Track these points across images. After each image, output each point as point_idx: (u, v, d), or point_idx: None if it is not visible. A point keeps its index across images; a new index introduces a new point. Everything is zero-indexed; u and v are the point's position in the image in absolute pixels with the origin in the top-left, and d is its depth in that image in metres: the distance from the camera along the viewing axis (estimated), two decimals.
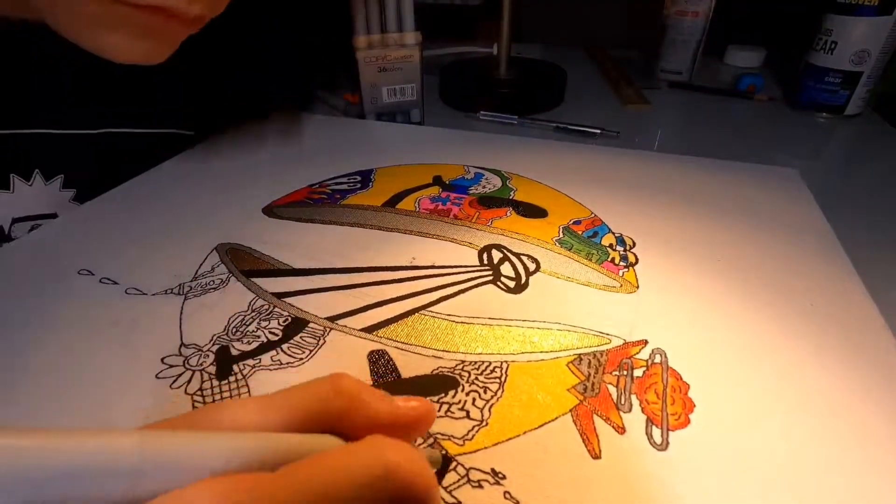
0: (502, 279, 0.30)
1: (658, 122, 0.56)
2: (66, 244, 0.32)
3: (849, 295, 0.29)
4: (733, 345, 0.25)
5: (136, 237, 0.33)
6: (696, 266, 0.31)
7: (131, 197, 0.38)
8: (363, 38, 0.48)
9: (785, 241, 0.33)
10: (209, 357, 0.24)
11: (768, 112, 0.58)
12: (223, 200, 0.37)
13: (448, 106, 0.59)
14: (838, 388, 0.23)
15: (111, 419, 0.21)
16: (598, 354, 0.25)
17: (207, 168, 0.42)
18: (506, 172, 0.42)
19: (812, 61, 0.55)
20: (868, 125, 0.55)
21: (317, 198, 0.38)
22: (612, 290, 0.29)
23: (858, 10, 0.50)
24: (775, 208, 0.37)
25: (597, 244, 0.33)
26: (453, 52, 0.74)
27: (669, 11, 0.62)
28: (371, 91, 0.51)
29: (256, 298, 0.28)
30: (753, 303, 0.28)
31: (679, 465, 0.20)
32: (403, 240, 0.33)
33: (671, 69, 0.65)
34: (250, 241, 0.33)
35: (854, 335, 0.26)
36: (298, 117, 0.52)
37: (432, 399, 0.22)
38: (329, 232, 0.34)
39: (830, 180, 0.43)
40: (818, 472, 0.20)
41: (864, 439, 0.21)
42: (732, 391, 0.23)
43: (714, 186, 0.40)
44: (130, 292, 0.28)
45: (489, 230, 0.34)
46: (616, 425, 0.21)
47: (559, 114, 0.57)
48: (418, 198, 0.38)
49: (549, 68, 0.62)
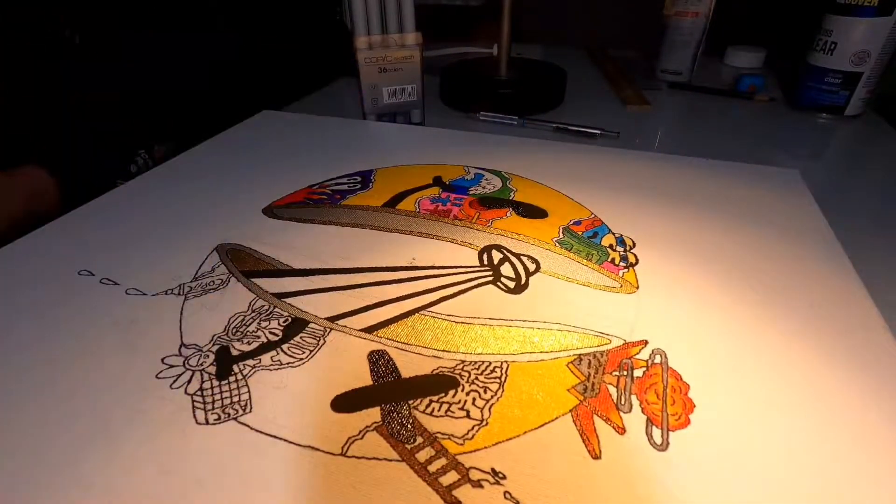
0: (502, 279, 0.30)
1: (658, 123, 0.56)
2: (66, 244, 0.32)
3: (848, 295, 0.29)
4: (733, 345, 0.25)
5: (137, 238, 0.33)
6: (696, 266, 0.31)
7: (131, 197, 0.38)
8: (364, 39, 0.48)
9: (785, 241, 0.33)
10: (209, 357, 0.24)
11: (768, 112, 0.58)
12: (223, 201, 0.37)
13: (448, 107, 0.59)
14: (838, 389, 0.23)
15: (111, 419, 0.21)
16: (598, 355, 0.25)
17: (207, 169, 0.42)
18: (506, 173, 0.42)
19: (812, 62, 0.55)
20: (868, 126, 0.55)
21: (317, 198, 0.38)
22: (612, 290, 0.29)
23: (858, 10, 0.50)
24: (775, 209, 0.37)
25: (597, 245, 0.33)
26: (454, 52, 0.74)
27: (669, 12, 0.62)
28: (371, 92, 0.51)
29: (256, 299, 0.28)
30: (753, 303, 0.28)
31: (679, 466, 0.20)
32: (403, 240, 0.33)
33: (671, 69, 0.65)
34: (250, 241, 0.33)
35: (854, 335, 0.26)
36: (313, 118, 0.51)
37: (432, 399, 0.22)
38: (329, 232, 0.34)
39: (830, 180, 0.43)
40: (818, 473, 0.20)
41: (864, 439, 0.21)
42: (733, 392, 0.23)
43: (714, 187, 0.40)
44: (130, 293, 0.28)
45: (489, 231, 0.34)
46: (616, 425, 0.21)
47: (559, 114, 0.57)
48: (418, 198, 0.38)
49: (549, 69, 0.62)
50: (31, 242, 0.32)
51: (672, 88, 0.64)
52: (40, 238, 0.33)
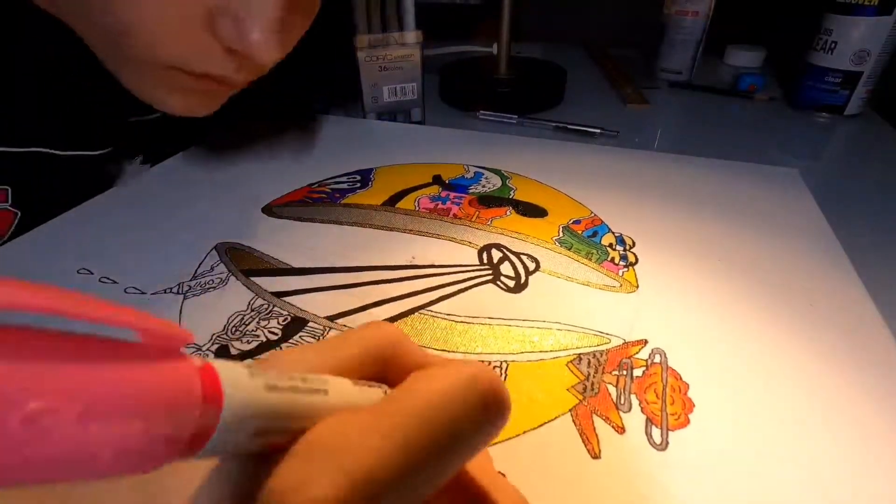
0: (502, 278, 0.30)
1: (658, 122, 0.56)
2: (66, 243, 0.32)
3: (848, 294, 0.29)
4: (733, 345, 0.25)
5: (136, 236, 0.33)
6: (695, 266, 0.31)
7: (131, 196, 0.38)
8: (364, 38, 0.47)
9: (784, 240, 0.33)
10: (208, 356, 0.24)
11: (768, 112, 0.58)
12: (223, 200, 0.37)
13: (448, 105, 0.59)
14: (837, 388, 0.23)
15: None
16: (598, 354, 0.25)
17: (207, 168, 0.42)
18: (505, 172, 0.42)
19: (812, 61, 0.55)
20: (868, 125, 0.55)
21: (316, 197, 0.38)
22: (612, 289, 0.29)
23: (858, 10, 0.50)
24: (775, 208, 0.37)
25: (596, 244, 0.33)
26: (453, 51, 0.74)
27: (669, 11, 0.62)
28: (371, 90, 0.51)
29: (256, 297, 0.28)
30: (753, 302, 0.28)
31: (678, 465, 0.20)
32: (403, 239, 0.33)
33: (671, 69, 0.65)
34: (250, 240, 0.33)
35: (853, 335, 0.26)
36: (316, 120, 0.51)
37: None
38: (329, 231, 0.34)
39: (830, 180, 0.43)
40: (817, 471, 0.20)
41: (863, 437, 0.21)
42: (732, 391, 0.23)
43: (714, 186, 0.40)
44: (130, 291, 0.28)
45: (489, 229, 0.34)
46: (616, 425, 0.21)
47: (559, 113, 0.57)
48: (418, 197, 0.38)
49: (548, 68, 0.62)
50: (30, 240, 0.32)
51: (672, 87, 0.64)
52: (39, 236, 0.33)
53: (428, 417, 0.11)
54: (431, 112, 0.56)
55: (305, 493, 0.09)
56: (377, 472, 0.10)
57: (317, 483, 0.09)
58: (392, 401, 0.11)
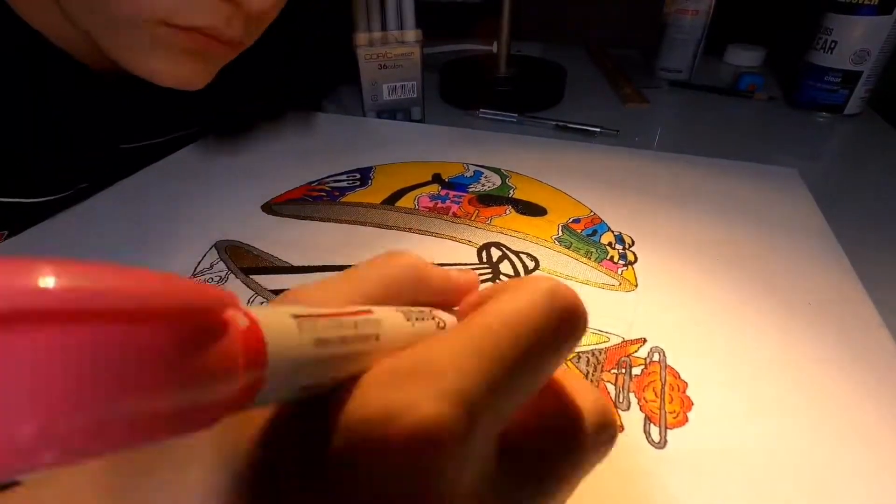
0: (501, 277, 0.30)
1: (658, 121, 0.56)
2: (65, 241, 0.32)
3: (847, 294, 0.29)
4: (731, 343, 0.25)
5: (135, 234, 0.33)
6: (694, 265, 0.31)
7: (130, 194, 0.38)
8: (364, 36, 0.47)
9: (783, 240, 0.33)
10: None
11: (768, 111, 0.58)
12: (222, 198, 0.37)
13: (448, 104, 0.59)
14: (835, 387, 0.23)
15: None
16: (597, 352, 0.25)
17: (206, 165, 0.42)
18: (505, 170, 0.42)
19: (812, 60, 0.55)
20: (867, 125, 0.55)
21: (316, 195, 0.38)
22: (611, 288, 0.29)
23: (858, 9, 0.50)
24: (774, 208, 0.37)
25: (596, 242, 0.33)
26: (453, 49, 0.74)
27: (669, 10, 0.62)
28: (371, 88, 0.51)
29: (255, 295, 0.28)
30: (752, 302, 0.28)
31: (677, 464, 0.20)
32: (402, 237, 0.33)
33: (671, 68, 0.65)
34: (249, 238, 0.33)
35: (851, 334, 0.26)
36: (313, 116, 0.51)
37: None
38: (328, 229, 0.34)
39: (830, 180, 0.43)
40: (815, 471, 0.20)
41: (862, 437, 0.21)
42: (730, 390, 0.23)
43: (713, 185, 0.40)
44: None
45: (488, 228, 0.34)
46: None
47: (559, 112, 0.57)
48: (417, 195, 0.38)
49: (548, 66, 0.62)
50: (29, 239, 0.32)
51: (672, 87, 0.64)
52: (38, 235, 0.33)
53: (516, 334, 0.11)
54: (431, 110, 0.56)
55: (412, 415, 0.09)
56: (476, 391, 0.10)
57: (422, 405, 0.09)
58: (477, 321, 0.11)
